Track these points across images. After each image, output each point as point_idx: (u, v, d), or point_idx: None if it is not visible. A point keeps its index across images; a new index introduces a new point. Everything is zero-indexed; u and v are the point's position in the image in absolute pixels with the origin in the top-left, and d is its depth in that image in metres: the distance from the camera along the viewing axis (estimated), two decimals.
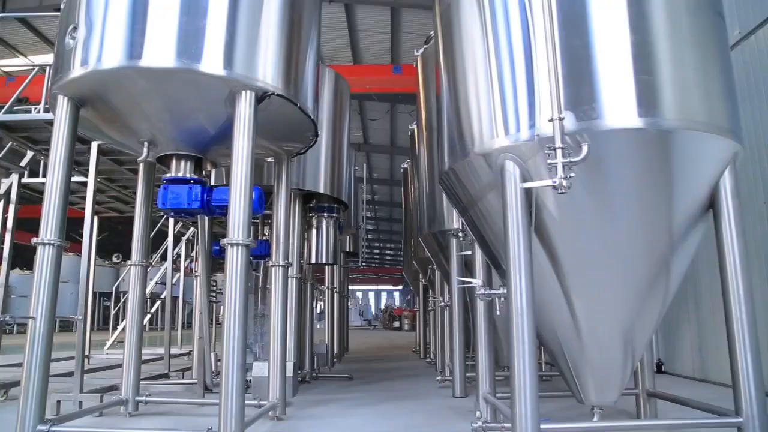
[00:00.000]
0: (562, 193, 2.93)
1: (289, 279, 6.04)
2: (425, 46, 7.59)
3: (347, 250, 14.13)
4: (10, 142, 7.29)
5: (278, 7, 4.27)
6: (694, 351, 7.74)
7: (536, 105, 3.16)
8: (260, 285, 7.47)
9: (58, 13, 4.33)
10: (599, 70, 3.12)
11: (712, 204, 3.44)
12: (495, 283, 4.50)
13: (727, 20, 3.67)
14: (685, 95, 3.17)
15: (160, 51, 3.73)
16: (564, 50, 3.15)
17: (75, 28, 3.91)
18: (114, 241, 22.98)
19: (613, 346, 3.66)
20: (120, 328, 12.93)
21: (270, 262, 5.32)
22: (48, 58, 15.54)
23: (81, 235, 6.20)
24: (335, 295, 11.98)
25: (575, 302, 3.54)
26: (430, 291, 10.73)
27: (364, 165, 20.08)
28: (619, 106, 3.07)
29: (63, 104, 4.02)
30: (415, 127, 8.99)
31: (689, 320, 7.86)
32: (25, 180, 7.62)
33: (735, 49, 6.79)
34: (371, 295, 63.65)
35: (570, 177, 2.93)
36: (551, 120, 2.99)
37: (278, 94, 4.12)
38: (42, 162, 8.23)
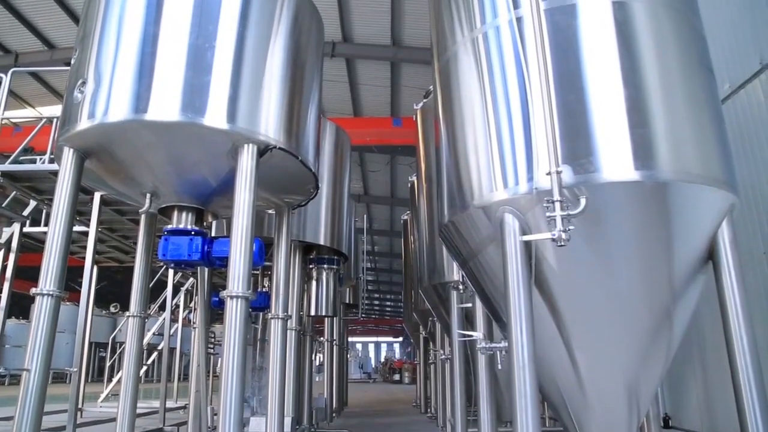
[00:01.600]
0: (562, 245, 2.94)
1: (288, 331, 5.98)
2: (424, 100, 7.75)
3: (347, 301, 14.05)
4: (14, 192, 7.37)
5: (281, 64, 4.39)
6: (701, 404, 7.58)
7: (534, 158, 3.21)
8: (259, 337, 7.40)
9: (68, 68, 4.45)
10: (595, 124, 3.18)
11: (711, 255, 3.45)
12: (496, 335, 4.46)
13: (716, 75, 3.77)
14: (680, 148, 3.23)
15: (165, 105, 3.81)
16: (560, 105, 3.22)
17: (84, 83, 4.01)
18: (112, 291, 22.83)
19: (617, 400, 3.59)
20: (115, 380, 12.71)
21: (269, 314, 5.28)
22: (54, 109, 15.90)
23: (79, 284, 6.19)
24: (334, 347, 11.83)
25: (577, 355, 3.51)
26: (431, 343, 10.60)
27: (365, 216, 20.19)
28: (615, 159, 3.11)
29: (68, 156, 4.09)
30: (414, 179, 9.09)
31: (695, 372, 7.73)
32: (27, 229, 7.65)
33: (726, 102, 6.94)
34: (371, 347, 62.77)
35: (569, 230, 2.95)
36: (549, 173, 3.04)
37: (280, 148, 4.20)
38: (44, 211, 8.29)
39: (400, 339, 57.74)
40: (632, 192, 3.13)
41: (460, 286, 6.55)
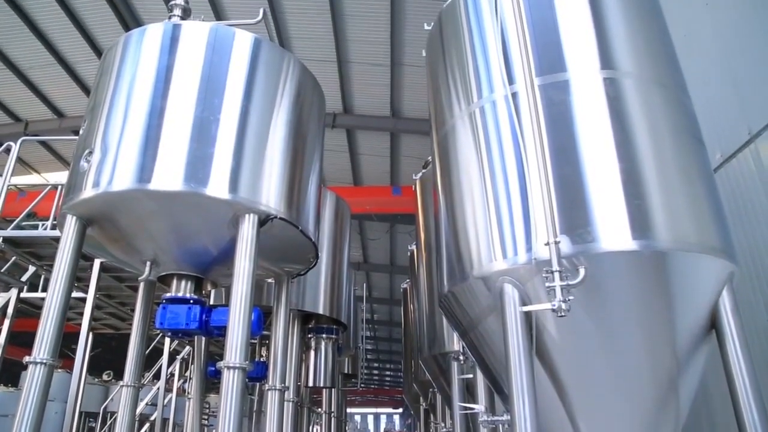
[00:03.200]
0: (562, 316, 2.93)
1: (286, 403, 5.84)
2: (423, 171, 7.88)
3: (346, 371, 13.76)
4: (14, 257, 7.37)
5: (283, 135, 4.51)
6: None
7: (532, 229, 3.24)
8: (255, 408, 7.21)
9: (76, 137, 4.56)
10: (591, 195, 3.23)
11: (713, 324, 3.42)
12: (498, 407, 4.36)
13: (708, 145, 3.86)
14: (676, 218, 3.26)
15: (168, 175, 3.89)
16: (557, 177, 3.29)
17: (90, 153, 4.10)
18: (106, 358, 22.38)
19: None
20: None
21: (266, 385, 5.17)
22: (59, 176, 16.16)
23: (73, 351, 6.08)
24: (332, 419, 11.50)
25: (582, 427, 3.41)
26: (431, 416, 10.31)
27: (364, 284, 20.10)
28: (613, 230, 3.14)
29: (71, 223, 4.13)
30: (414, 247, 9.11)
31: None
32: (25, 294, 7.61)
33: (719, 171, 7.06)
34: (370, 418, 60.94)
35: (569, 300, 2.95)
36: (547, 244, 3.06)
37: (281, 218, 4.25)
38: (43, 276, 8.27)
39: (400, 410, 56.14)
40: (631, 261, 3.14)
41: (461, 357, 6.44)
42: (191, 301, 4.63)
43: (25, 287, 7.51)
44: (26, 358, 3.75)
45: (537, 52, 3.68)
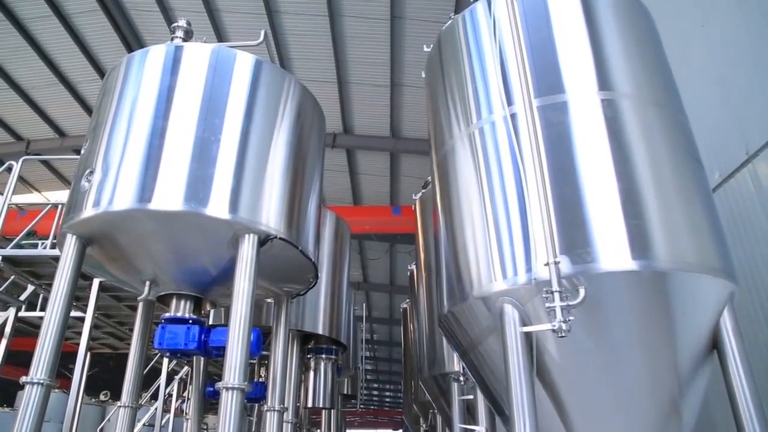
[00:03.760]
0: (562, 336, 2.92)
1: (285, 424, 5.78)
2: (423, 191, 7.90)
3: (345, 392, 13.65)
4: (13, 276, 7.35)
5: (283, 156, 4.53)
6: None
7: (532, 249, 3.24)
8: (253, 429, 7.14)
9: (78, 156, 4.58)
10: (591, 216, 3.24)
11: (715, 344, 3.40)
12: (499, 428, 4.32)
13: (706, 164, 3.88)
14: (675, 238, 3.26)
15: (169, 195, 3.90)
16: (556, 197, 3.30)
17: (91, 172, 4.12)
18: (103, 377, 22.18)
19: None
20: None
21: (265, 405, 5.12)
22: (59, 194, 16.18)
23: (70, 370, 6.03)
24: None
25: None
26: None
27: (364, 304, 20.02)
28: (612, 250, 3.15)
29: (71, 242, 4.13)
30: (414, 267, 9.09)
31: None
32: (23, 314, 7.56)
33: (718, 191, 7.08)
34: None
35: (569, 320, 2.93)
36: (547, 264, 3.06)
37: (280, 238, 4.25)
38: (41, 296, 8.23)
39: (400, 431, 55.59)
40: (631, 282, 3.14)
41: (461, 378, 6.39)
42: (190, 321, 4.61)
43: (24, 306, 7.47)
44: (23, 378, 3.73)
45: (535, 73, 3.72)
